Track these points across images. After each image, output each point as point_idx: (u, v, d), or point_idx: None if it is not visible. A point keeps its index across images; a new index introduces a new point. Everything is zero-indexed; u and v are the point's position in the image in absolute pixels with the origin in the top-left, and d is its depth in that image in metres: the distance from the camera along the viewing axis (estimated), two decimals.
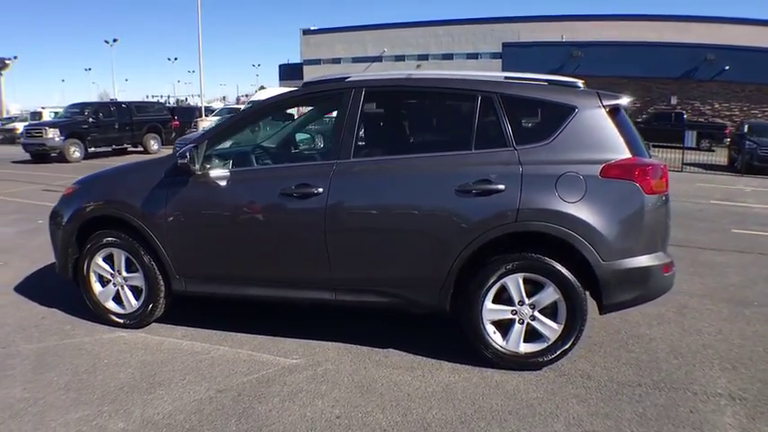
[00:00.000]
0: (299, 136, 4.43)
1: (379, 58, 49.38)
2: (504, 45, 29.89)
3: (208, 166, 3.18)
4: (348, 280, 3.05)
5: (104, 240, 3.33)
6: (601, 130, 2.83)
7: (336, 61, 50.03)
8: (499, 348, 2.92)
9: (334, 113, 3.10)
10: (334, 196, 2.94)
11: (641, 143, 3.24)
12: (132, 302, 3.40)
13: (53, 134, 14.28)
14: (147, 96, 69.37)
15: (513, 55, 28.31)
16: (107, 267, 3.39)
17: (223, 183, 3.12)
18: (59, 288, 3.95)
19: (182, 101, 62.39)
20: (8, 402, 2.55)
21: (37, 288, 4.03)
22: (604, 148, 2.81)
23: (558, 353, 2.89)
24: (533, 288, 2.87)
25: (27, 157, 15.04)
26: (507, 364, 2.93)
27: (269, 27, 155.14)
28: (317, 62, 50.89)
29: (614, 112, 2.90)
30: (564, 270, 2.78)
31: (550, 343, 2.89)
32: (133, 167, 3.52)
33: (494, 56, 33.78)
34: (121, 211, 3.25)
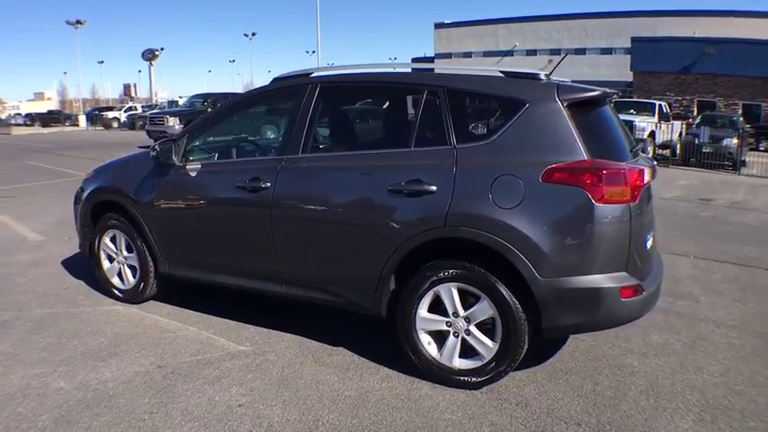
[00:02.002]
0: (270, 131, 4.57)
1: (510, 53, 49.03)
2: (634, 40, 27.56)
3: (191, 158, 3.44)
4: (294, 274, 3.09)
5: (109, 223, 3.78)
6: (552, 127, 2.49)
7: (467, 55, 50.62)
8: (431, 360, 2.74)
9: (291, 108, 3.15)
10: (279, 191, 3.00)
11: (622, 143, 2.79)
12: (130, 280, 3.81)
13: (173, 122, 16.12)
14: None
15: (642, 50, 26.13)
16: (112, 247, 3.84)
17: (194, 175, 3.36)
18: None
19: None
20: None
21: (79, 262, 4.68)
22: (553, 149, 2.47)
23: (492, 374, 2.63)
24: (471, 300, 2.64)
25: (151, 142, 17.43)
26: (439, 378, 2.74)
27: (406, 20, 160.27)
28: (448, 56, 51.84)
29: (576, 107, 2.54)
30: (498, 283, 2.51)
31: (485, 362, 2.64)
32: (134, 158, 3.94)
33: (627, 51, 31.50)
34: (119, 198, 3.66)
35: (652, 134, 14.20)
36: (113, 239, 3.83)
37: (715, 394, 2.69)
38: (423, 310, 2.72)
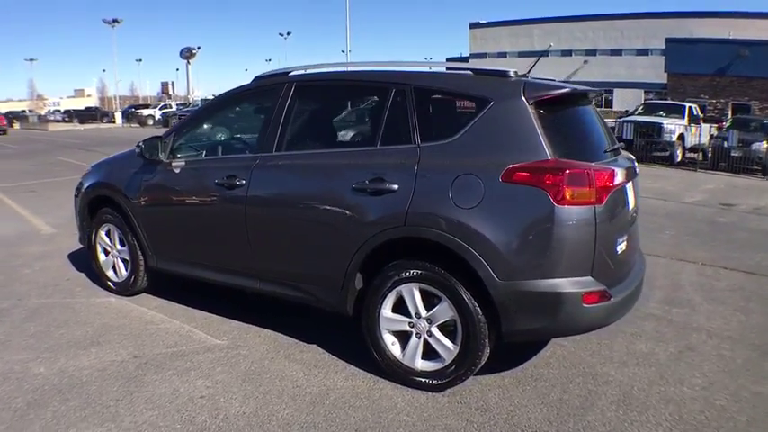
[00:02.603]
0: (250, 128, 4.59)
1: (545, 53, 48.86)
2: (668, 41, 26.91)
3: (178, 155, 3.54)
4: (268, 271, 3.13)
5: (104, 217, 3.93)
6: (516, 126, 2.43)
7: (502, 55, 50.83)
8: (394, 360, 2.73)
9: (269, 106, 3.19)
10: (253, 188, 3.05)
11: (596, 143, 2.71)
12: (123, 273, 3.95)
13: None
14: None
15: (676, 52, 25.50)
16: (107, 240, 3.99)
17: (178, 171, 3.45)
18: None
19: None
20: None
21: (84, 255, 4.81)
22: (516, 149, 2.41)
23: (452, 377, 2.60)
24: (434, 301, 2.61)
25: None
26: (401, 379, 2.73)
27: (444, 20, 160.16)
28: (482, 56, 51.99)
29: (545, 105, 2.47)
30: (458, 285, 2.47)
31: (445, 364, 2.61)
32: (127, 155, 4.07)
33: (663, 52, 30.88)
34: (112, 193, 3.80)
35: (681, 137, 13.65)
36: (108, 233, 3.98)
37: (691, 409, 2.56)
38: (386, 310, 2.71)
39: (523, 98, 2.43)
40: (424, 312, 2.62)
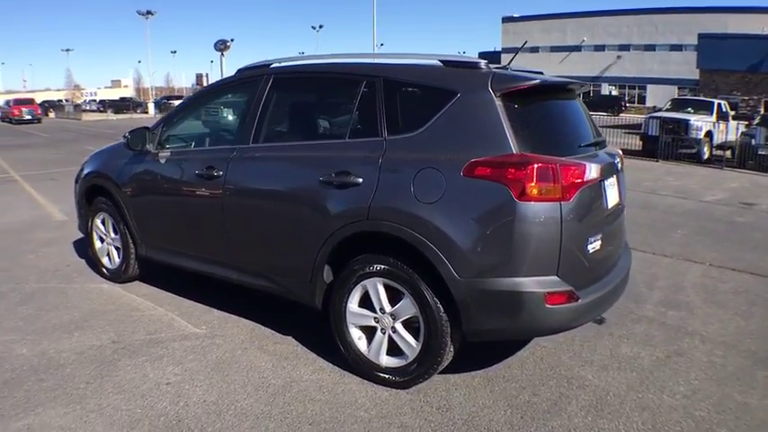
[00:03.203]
0: (233, 120, 4.59)
1: (578, 48, 48.45)
2: (701, 36, 25.88)
3: (167, 146, 3.59)
4: (245, 262, 3.15)
5: (99, 205, 4.03)
6: (481, 119, 2.35)
7: (534, 50, 50.62)
8: (360, 356, 2.71)
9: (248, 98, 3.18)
10: (229, 180, 3.07)
11: (572, 137, 2.59)
12: (116, 260, 4.05)
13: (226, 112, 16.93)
14: None
15: (709, 47, 24.53)
16: (102, 228, 4.09)
17: (164, 162, 3.50)
18: None
19: None
20: None
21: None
22: (480, 142, 2.33)
23: (414, 375, 2.55)
24: (399, 297, 2.56)
25: None
26: (367, 375, 2.70)
27: (478, 13, 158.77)
28: (515, 51, 51.31)
29: (516, 97, 2.37)
30: (420, 281, 2.42)
31: (408, 361, 2.57)
32: (122, 144, 4.15)
33: (696, 48, 29.82)
34: (106, 182, 3.89)
35: (709, 134, 13.03)
36: (103, 221, 4.08)
37: (668, 419, 2.43)
38: (353, 305, 2.69)
39: (490, 90, 2.34)
40: (388, 308, 2.59)
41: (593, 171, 2.43)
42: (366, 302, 2.67)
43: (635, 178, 9.95)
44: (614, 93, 46.18)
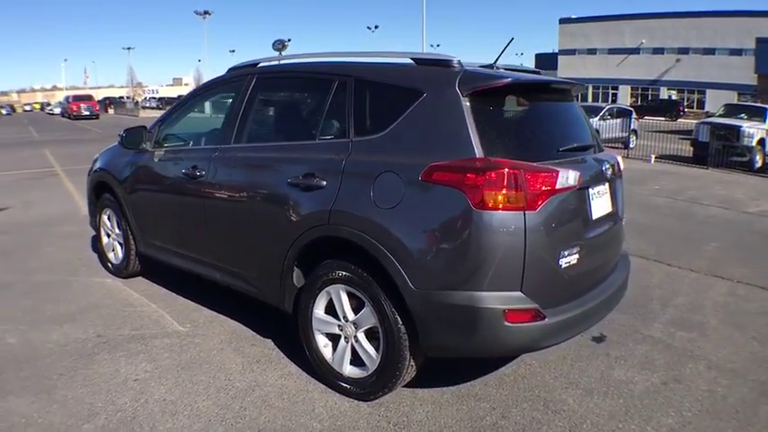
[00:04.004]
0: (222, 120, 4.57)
1: (636, 50, 47.26)
2: (758, 40, 24.36)
3: (165, 144, 3.66)
4: (225, 262, 3.15)
5: (105, 201, 4.17)
6: (446, 120, 2.22)
7: (592, 52, 50.54)
8: (325, 363, 2.64)
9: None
10: (210, 180, 3.08)
11: (553, 140, 2.41)
12: (119, 256, 4.18)
13: None
14: None
15: (767, 51, 22.47)
16: (108, 224, 4.24)
17: (157, 161, 3.57)
18: None
19: None
20: None
21: None
22: (443, 144, 2.20)
23: (373, 388, 2.46)
24: (361, 305, 2.47)
25: None
26: (330, 383, 2.63)
27: (535, 15, 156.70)
28: (571, 52, 51.49)
29: (488, 97, 2.22)
30: (379, 291, 2.32)
31: (368, 373, 2.47)
32: None
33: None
34: (109, 179, 4.02)
35: (762, 142, 12.02)
36: (109, 217, 4.22)
37: None
38: (319, 311, 2.62)
39: (457, 89, 2.20)
40: (351, 316, 2.50)
41: (569, 178, 2.23)
42: (332, 309, 2.60)
43: (680, 186, 9.33)
44: (674, 97, 44.08)
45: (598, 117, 17.38)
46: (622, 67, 48.78)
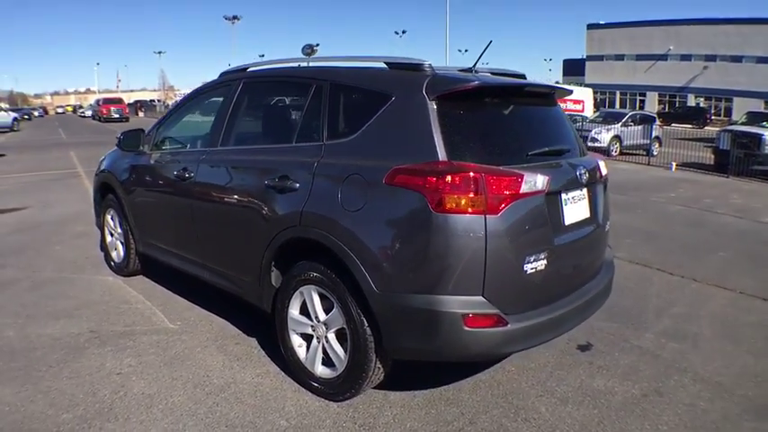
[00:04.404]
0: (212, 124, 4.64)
1: (664, 57, 46.66)
2: None
3: (163, 147, 3.78)
4: (212, 262, 3.23)
5: (109, 201, 4.33)
6: (412, 123, 2.24)
7: (619, 58, 50.37)
8: (299, 363, 2.68)
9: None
10: (197, 182, 3.18)
11: (525, 144, 2.40)
12: (121, 254, 4.32)
13: None
14: None
15: None
16: (111, 223, 4.39)
17: (152, 163, 3.69)
18: None
19: None
20: None
21: None
22: (408, 148, 2.23)
23: (341, 389, 2.49)
24: (332, 306, 2.50)
25: None
26: (304, 383, 2.67)
27: (564, 21, 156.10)
28: (599, 58, 51.15)
29: (453, 100, 2.24)
30: (346, 292, 2.35)
31: (337, 374, 2.50)
32: None
33: None
34: (111, 180, 4.17)
35: None
36: (112, 217, 4.38)
37: None
38: (294, 311, 2.66)
39: (424, 93, 2.22)
40: (322, 316, 2.54)
41: (537, 182, 2.22)
42: (306, 310, 2.64)
43: (697, 194, 9.08)
44: (702, 104, 43.07)
45: (620, 124, 17.08)
46: (650, 74, 47.97)
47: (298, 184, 2.51)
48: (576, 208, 2.50)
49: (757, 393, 2.69)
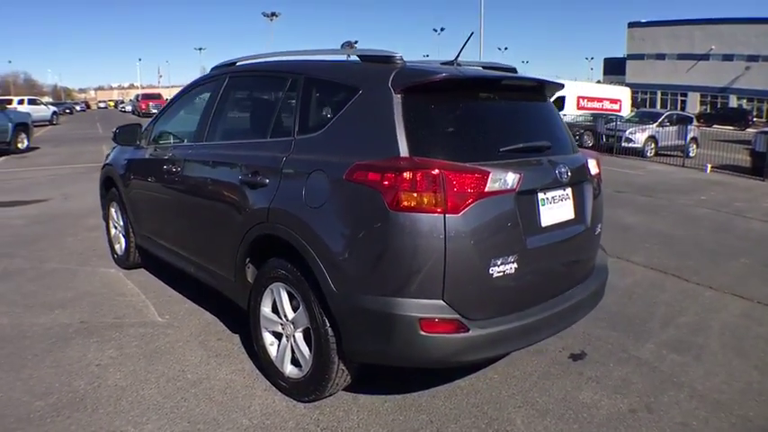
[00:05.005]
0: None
1: (705, 56, 45.07)
2: None
3: (159, 142, 3.82)
4: (196, 256, 3.23)
5: (112, 195, 4.41)
6: (377, 117, 2.15)
7: (660, 57, 49.28)
8: (269, 361, 2.65)
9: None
10: (183, 176, 3.18)
11: (503, 140, 2.27)
12: (123, 247, 4.40)
13: None
14: None
15: None
16: (115, 217, 4.48)
17: (147, 157, 3.73)
18: None
19: None
20: None
21: None
22: (371, 143, 2.15)
23: (306, 390, 2.44)
24: (298, 304, 2.45)
25: None
26: (274, 382, 2.62)
27: (607, 19, 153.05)
28: (640, 57, 49.87)
29: (421, 93, 2.14)
30: (309, 291, 2.29)
31: (303, 375, 2.45)
32: None
33: None
34: (113, 174, 4.25)
35: None
36: (116, 210, 4.46)
37: None
38: (266, 308, 2.62)
39: (389, 86, 2.13)
40: (290, 315, 2.49)
41: (507, 181, 2.09)
42: (277, 308, 2.59)
43: (728, 198, 8.59)
44: (745, 106, 41.11)
45: (656, 124, 16.48)
46: (691, 74, 46.15)
47: (267, 180, 2.47)
48: (556, 208, 2.36)
49: (758, 413, 2.48)
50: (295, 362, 2.52)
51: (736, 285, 4.23)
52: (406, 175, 1.96)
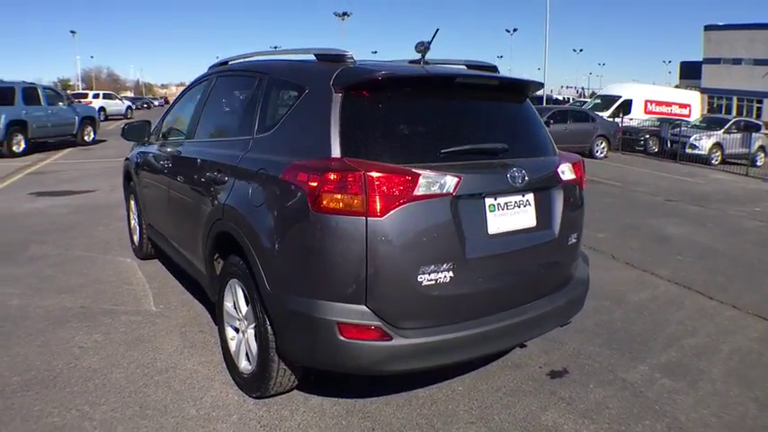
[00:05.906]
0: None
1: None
2: None
3: (163, 139, 4.01)
4: (182, 248, 3.36)
5: (131, 187, 4.67)
6: (316, 117, 2.13)
7: (737, 62, 46.82)
8: (229, 355, 2.69)
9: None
10: (174, 172, 3.32)
11: (443, 141, 2.19)
12: (138, 238, 4.65)
13: None
14: (563, 87, 75.68)
15: None
16: (134, 208, 4.73)
17: (153, 152, 3.91)
18: None
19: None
20: (6, 273, 4.16)
21: None
22: (308, 143, 2.15)
23: (253, 387, 2.46)
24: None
25: None
26: (233, 376, 2.67)
27: (684, 22, 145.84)
28: (716, 61, 47.21)
29: (365, 92, 2.10)
30: (254, 289, 2.31)
31: (250, 371, 2.46)
32: None
33: None
34: (130, 168, 4.50)
35: None
36: (134, 202, 4.72)
37: None
38: (228, 303, 2.68)
39: (330, 85, 2.10)
40: (244, 311, 2.52)
41: (444, 184, 1.99)
42: (236, 303, 2.63)
43: None
44: None
45: (722, 130, 15.37)
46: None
47: (226, 178, 2.53)
48: (510, 215, 2.21)
49: None
50: (248, 357, 2.55)
51: (763, 305, 3.80)
52: (331, 176, 1.92)
